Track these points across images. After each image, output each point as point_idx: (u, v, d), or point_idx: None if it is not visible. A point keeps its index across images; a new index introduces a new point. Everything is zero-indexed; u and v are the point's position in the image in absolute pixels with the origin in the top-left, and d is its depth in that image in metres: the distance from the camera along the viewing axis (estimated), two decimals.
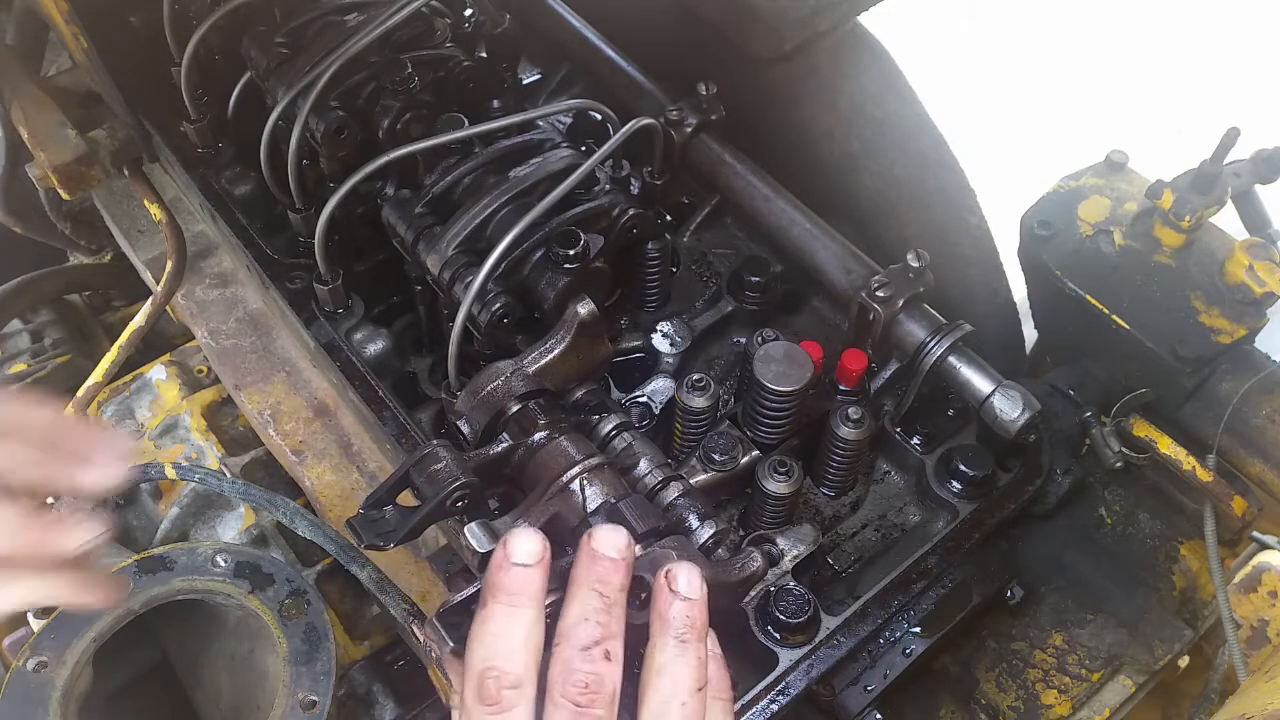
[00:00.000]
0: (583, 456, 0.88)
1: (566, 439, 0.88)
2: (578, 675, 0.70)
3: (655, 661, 0.73)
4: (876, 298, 1.03)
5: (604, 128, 1.22)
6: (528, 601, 0.73)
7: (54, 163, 1.50)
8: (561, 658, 0.71)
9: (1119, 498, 1.26)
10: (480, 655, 0.72)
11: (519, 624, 0.72)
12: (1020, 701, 1.16)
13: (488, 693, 0.70)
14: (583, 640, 0.72)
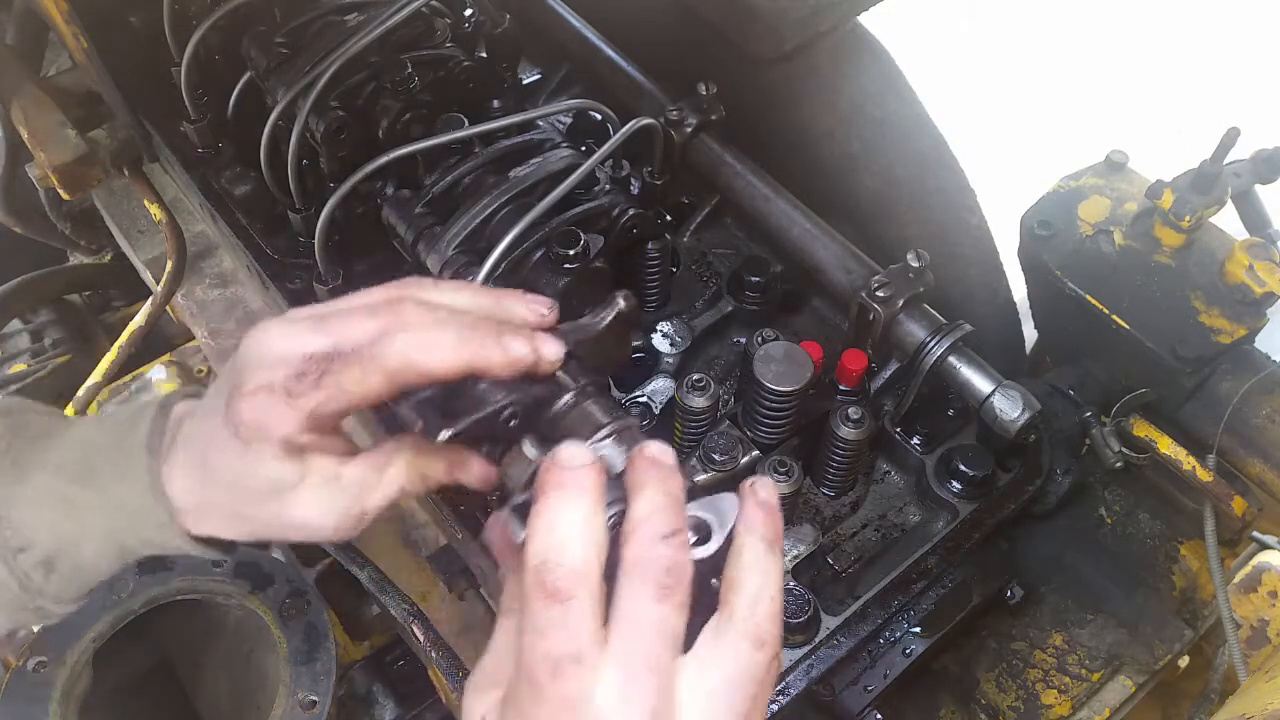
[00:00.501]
0: (611, 418, 0.85)
1: (593, 402, 0.85)
2: (660, 558, 0.67)
3: (743, 560, 0.71)
4: (876, 298, 1.03)
5: (604, 128, 1.22)
6: (584, 493, 0.69)
7: (54, 163, 1.50)
8: (639, 543, 0.68)
9: (1119, 498, 1.26)
10: (537, 548, 0.67)
11: (577, 513, 0.68)
12: (1020, 701, 1.16)
13: (547, 585, 0.65)
14: (660, 529, 0.68)
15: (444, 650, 1.11)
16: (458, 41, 1.30)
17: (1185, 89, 4.36)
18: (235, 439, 0.80)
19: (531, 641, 0.65)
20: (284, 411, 0.79)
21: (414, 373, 0.79)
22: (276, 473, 0.81)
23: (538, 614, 0.66)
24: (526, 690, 0.65)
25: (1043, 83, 4.44)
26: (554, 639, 0.65)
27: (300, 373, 0.79)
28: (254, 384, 0.79)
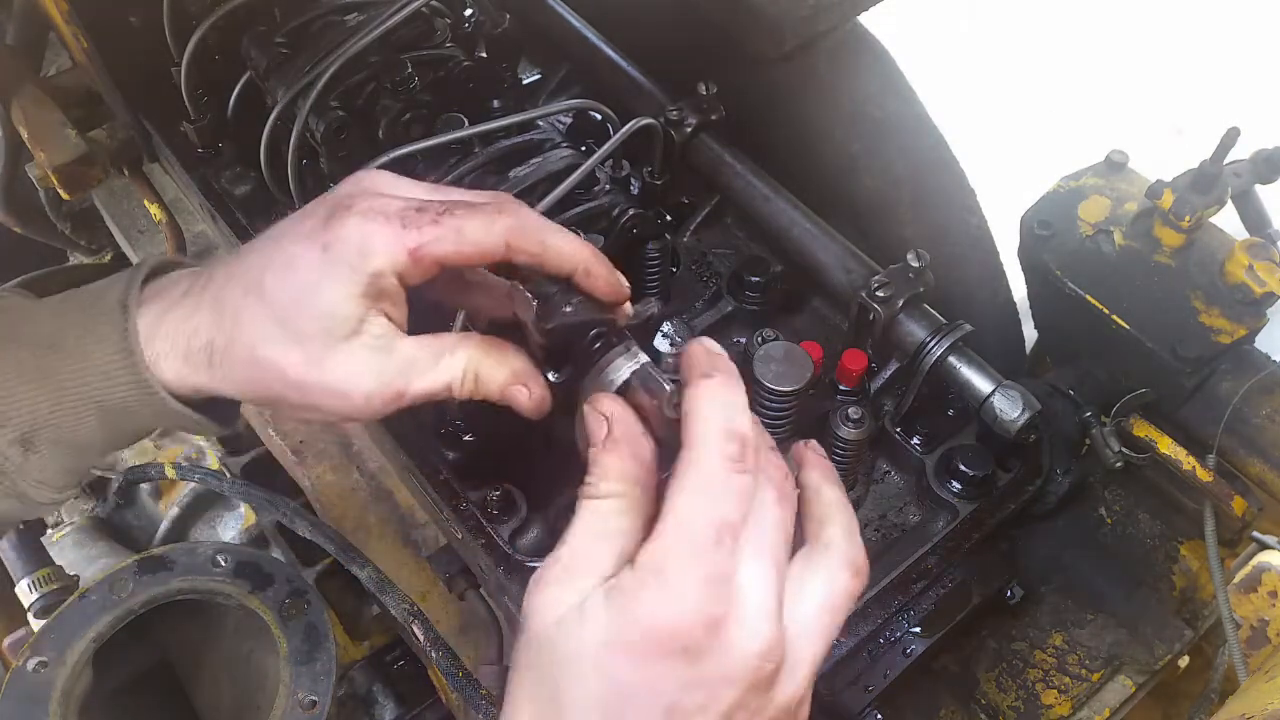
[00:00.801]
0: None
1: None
2: (779, 467, 0.73)
3: (825, 497, 0.74)
4: (876, 298, 1.03)
5: (604, 128, 1.22)
6: (739, 380, 0.72)
7: (54, 163, 1.50)
8: (761, 451, 0.72)
9: (1119, 498, 1.26)
10: (721, 418, 0.68)
11: (741, 396, 0.71)
12: (1020, 701, 1.16)
13: (732, 454, 0.67)
14: (771, 442, 0.73)
15: (444, 650, 1.11)
16: (458, 41, 1.30)
17: (1185, 89, 4.36)
18: (320, 255, 0.76)
19: (703, 505, 0.66)
20: (393, 236, 0.76)
21: (535, 242, 0.79)
22: (343, 308, 0.77)
23: (716, 480, 0.66)
24: (679, 554, 0.65)
25: (1043, 83, 4.44)
26: (729, 506, 0.66)
27: (420, 208, 0.78)
28: (366, 205, 0.77)
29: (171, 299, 0.83)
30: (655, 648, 0.64)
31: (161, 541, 1.51)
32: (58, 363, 0.81)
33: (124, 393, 0.81)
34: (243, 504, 1.48)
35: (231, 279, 0.81)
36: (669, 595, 0.64)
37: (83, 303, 0.84)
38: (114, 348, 0.80)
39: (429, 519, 1.36)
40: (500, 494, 1.04)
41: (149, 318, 0.82)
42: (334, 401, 0.80)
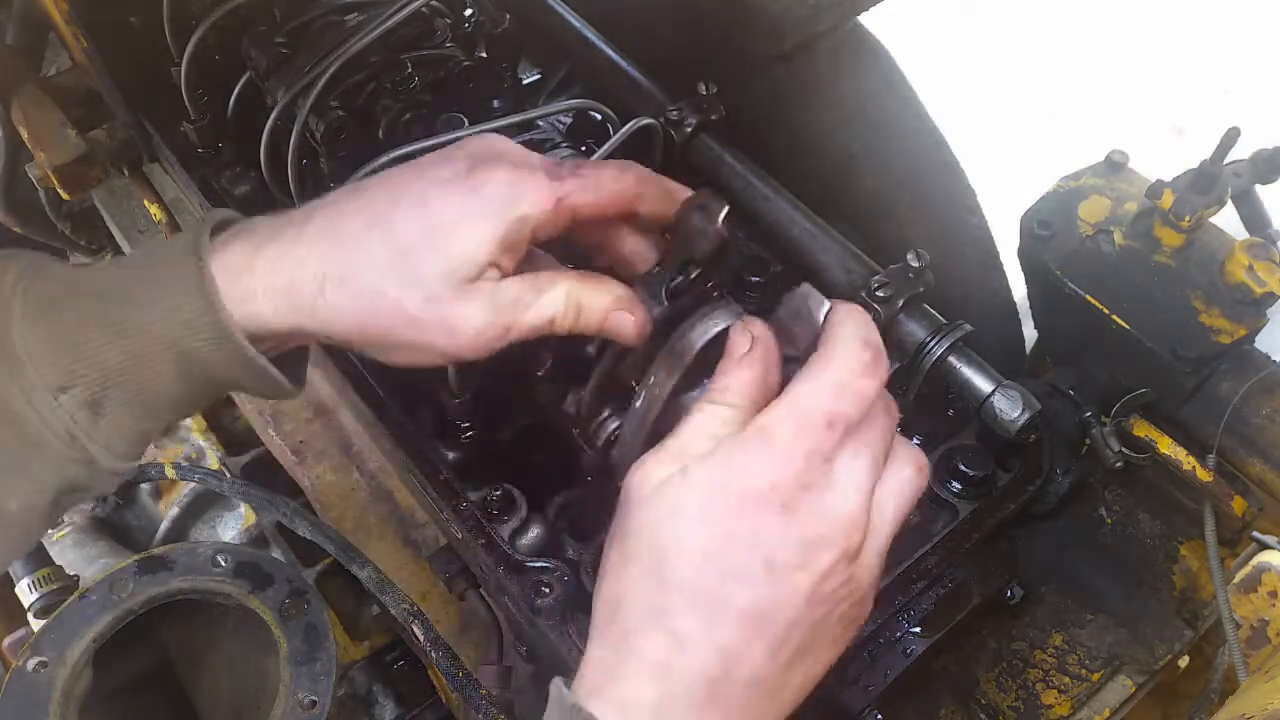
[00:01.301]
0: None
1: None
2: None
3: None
4: (876, 298, 1.03)
5: (604, 128, 1.22)
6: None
7: (54, 163, 1.50)
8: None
9: (1119, 498, 1.26)
10: (861, 332, 0.78)
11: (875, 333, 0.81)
12: (1020, 701, 1.16)
13: (869, 362, 0.77)
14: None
15: (444, 650, 1.11)
16: (458, 41, 1.30)
17: (1185, 89, 4.36)
18: (464, 199, 0.80)
19: (825, 394, 0.74)
20: (543, 186, 0.81)
21: (661, 190, 0.89)
22: (477, 251, 0.79)
23: (843, 377, 0.75)
24: (788, 425, 0.73)
25: (1043, 83, 4.44)
26: (848, 404, 0.74)
27: (557, 163, 0.84)
28: (513, 157, 0.83)
29: (258, 239, 0.81)
30: (755, 499, 0.71)
31: (161, 541, 1.51)
32: (126, 312, 0.78)
33: (202, 340, 0.78)
34: (243, 504, 1.48)
35: (346, 214, 0.82)
36: (772, 453, 0.72)
37: (143, 257, 0.82)
38: (190, 293, 0.78)
39: (429, 519, 1.36)
40: (500, 494, 1.04)
41: (232, 259, 0.80)
42: (445, 340, 0.82)
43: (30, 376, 0.76)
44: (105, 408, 0.79)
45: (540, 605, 0.97)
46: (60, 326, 0.77)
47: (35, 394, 0.76)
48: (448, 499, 1.06)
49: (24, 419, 0.77)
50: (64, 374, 0.77)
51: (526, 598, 0.97)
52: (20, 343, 0.76)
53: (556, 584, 0.98)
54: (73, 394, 0.77)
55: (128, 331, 0.78)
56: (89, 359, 0.77)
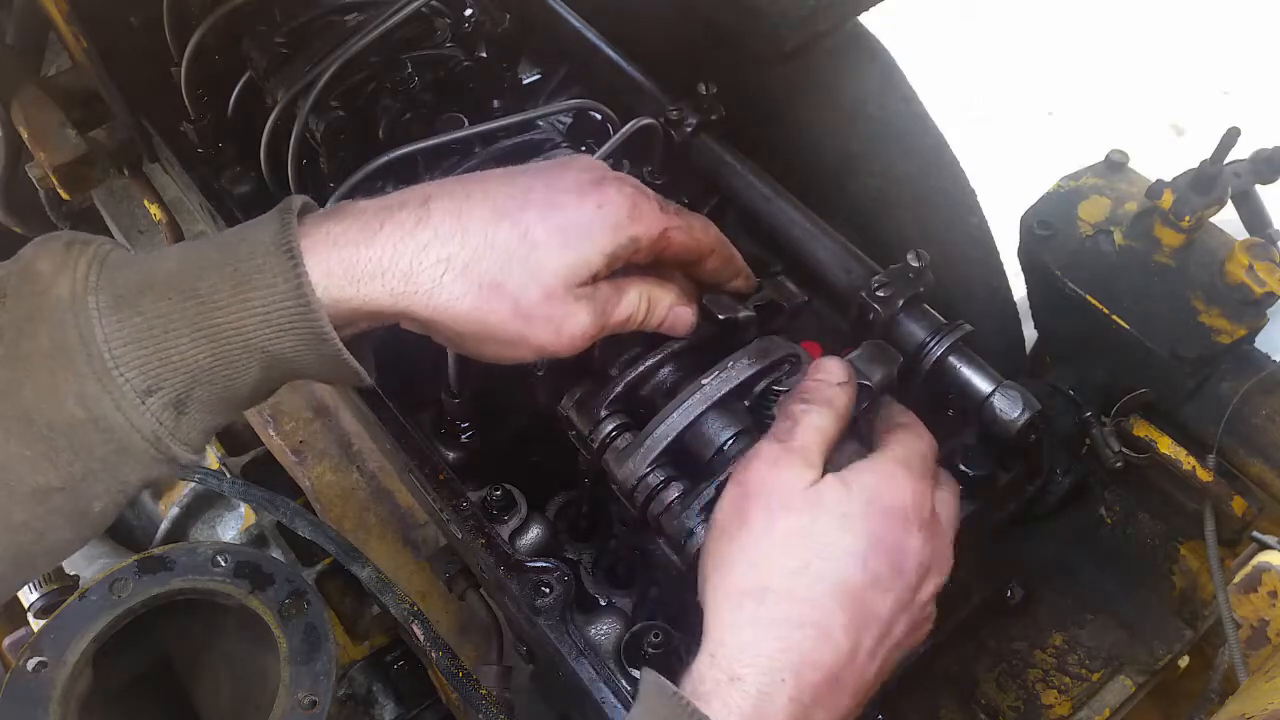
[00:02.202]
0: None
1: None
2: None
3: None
4: (876, 298, 1.03)
5: (604, 128, 1.22)
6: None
7: (54, 163, 1.50)
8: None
9: (1119, 498, 1.26)
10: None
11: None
12: (1020, 701, 1.16)
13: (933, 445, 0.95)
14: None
15: (444, 650, 1.11)
16: (458, 41, 1.30)
17: (1185, 89, 4.37)
18: (592, 210, 0.85)
19: (929, 450, 0.93)
20: (657, 214, 0.90)
21: (729, 253, 1.01)
22: (594, 260, 0.85)
23: (930, 450, 0.92)
24: (917, 459, 0.89)
25: (1042, 83, 4.44)
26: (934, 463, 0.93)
27: (664, 200, 0.92)
28: (632, 183, 0.90)
29: (368, 218, 0.81)
30: (907, 515, 0.84)
31: (161, 541, 1.51)
32: (212, 314, 0.77)
33: (293, 341, 0.78)
34: (243, 504, 1.48)
35: (472, 202, 0.83)
36: (913, 480, 0.86)
37: (220, 249, 0.79)
38: (284, 297, 0.77)
39: (429, 519, 1.36)
40: (500, 494, 1.04)
41: (344, 238, 0.80)
42: (550, 337, 0.87)
43: (118, 381, 0.75)
44: (188, 407, 0.79)
45: (540, 605, 0.97)
46: (145, 328, 0.76)
47: (124, 399, 0.75)
48: (448, 499, 1.06)
49: (113, 425, 0.76)
50: (151, 377, 0.76)
51: (526, 598, 0.97)
52: (105, 346, 0.75)
53: (556, 584, 0.98)
54: (159, 396, 0.77)
55: (217, 334, 0.77)
56: (176, 363, 0.77)
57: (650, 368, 0.97)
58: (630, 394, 0.96)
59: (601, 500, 1.05)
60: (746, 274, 1.05)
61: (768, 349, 0.96)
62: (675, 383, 0.96)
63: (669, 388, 0.96)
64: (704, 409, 0.91)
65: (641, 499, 0.91)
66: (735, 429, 0.92)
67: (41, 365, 0.74)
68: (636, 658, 0.94)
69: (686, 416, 0.91)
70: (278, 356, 0.79)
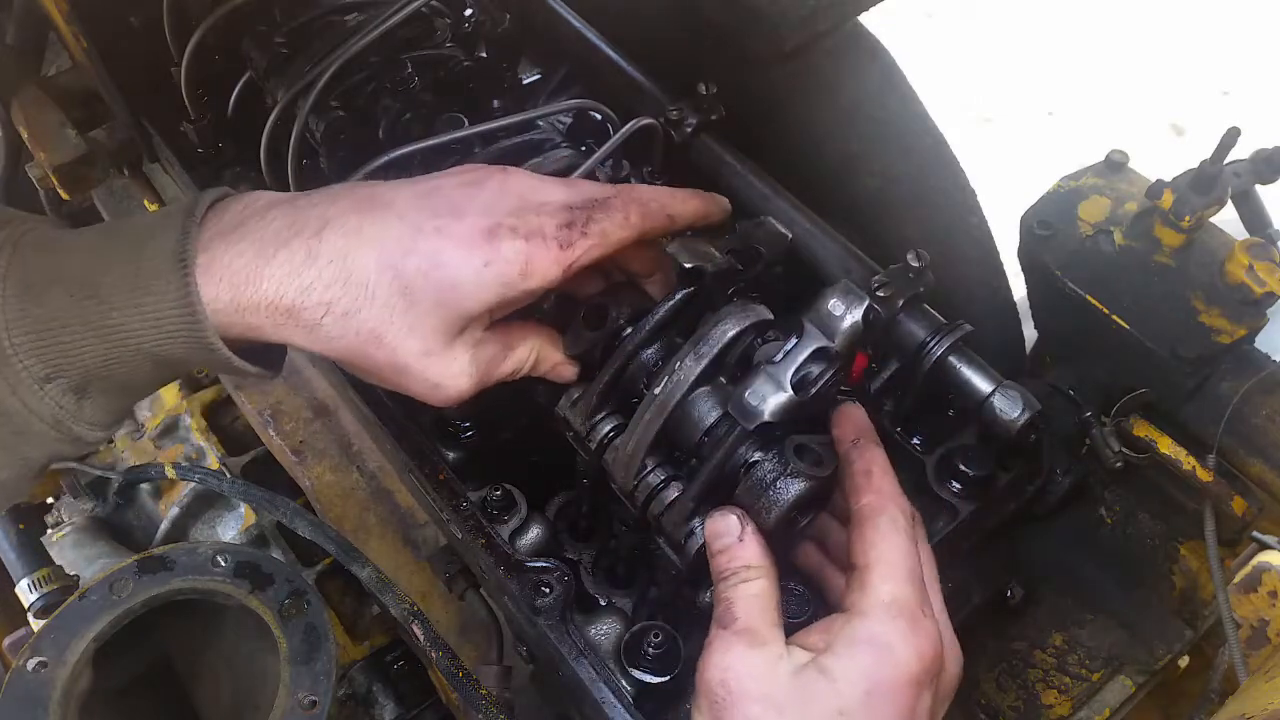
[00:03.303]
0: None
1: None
2: None
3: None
4: (877, 298, 1.03)
5: (604, 128, 1.22)
6: None
7: (54, 163, 1.50)
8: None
9: (1119, 498, 1.26)
10: (894, 483, 0.88)
11: None
12: (1020, 701, 1.16)
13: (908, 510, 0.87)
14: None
15: (444, 650, 1.11)
16: (458, 41, 1.30)
17: (1185, 89, 4.37)
18: (479, 269, 0.81)
19: (909, 556, 0.83)
20: (553, 259, 0.83)
21: (664, 215, 0.90)
22: (479, 315, 0.83)
23: (907, 534, 0.85)
24: (915, 599, 0.81)
25: (1042, 83, 4.44)
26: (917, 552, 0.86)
27: (568, 222, 0.84)
28: (526, 226, 0.83)
29: (264, 244, 0.80)
30: (915, 683, 0.76)
31: (161, 541, 1.51)
32: (108, 314, 0.78)
33: (182, 347, 0.80)
34: (243, 504, 1.48)
35: (362, 243, 0.82)
36: (922, 633, 0.77)
37: (129, 244, 0.81)
38: (173, 303, 0.78)
39: (429, 519, 1.36)
40: (500, 494, 1.04)
41: (235, 267, 0.79)
42: (427, 391, 0.87)
43: (16, 368, 0.77)
44: (89, 392, 0.81)
45: (540, 605, 0.97)
46: (45, 319, 0.78)
47: (21, 385, 0.78)
48: (448, 499, 1.06)
49: (10, 410, 0.78)
50: (49, 366, 0.79)
51: (526, 598, 0.97)
52: (4, 332, 0.77)
53: (556, 584, 0.98)
54: (57, 384, 0.79)
55: (107, 335, 0.79)
56: (70, 355, 0.79)
57: (630, 353, 0.93)
58: (618, 386, 0.94)
59: (601, 500, 1.05)
60: (703, 214, 0.97)
61: (735, 313, 0.89)
62: (657, 363, 0.93)
63: (652, 370, 0.93)
64: (683, 394, 0.87)
65: (641, 499, 0.91)
66: (720, 410, 0.89)
67: None
68: (636, 658, 0.94)
69: (664, 409, 0.88)
70: (168, 358, 0.82)
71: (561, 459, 1.04)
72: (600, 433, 0.94)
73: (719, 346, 0.87)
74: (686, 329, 0.92)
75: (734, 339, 0.88)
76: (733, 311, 0.89)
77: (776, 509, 0.84)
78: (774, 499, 0.84)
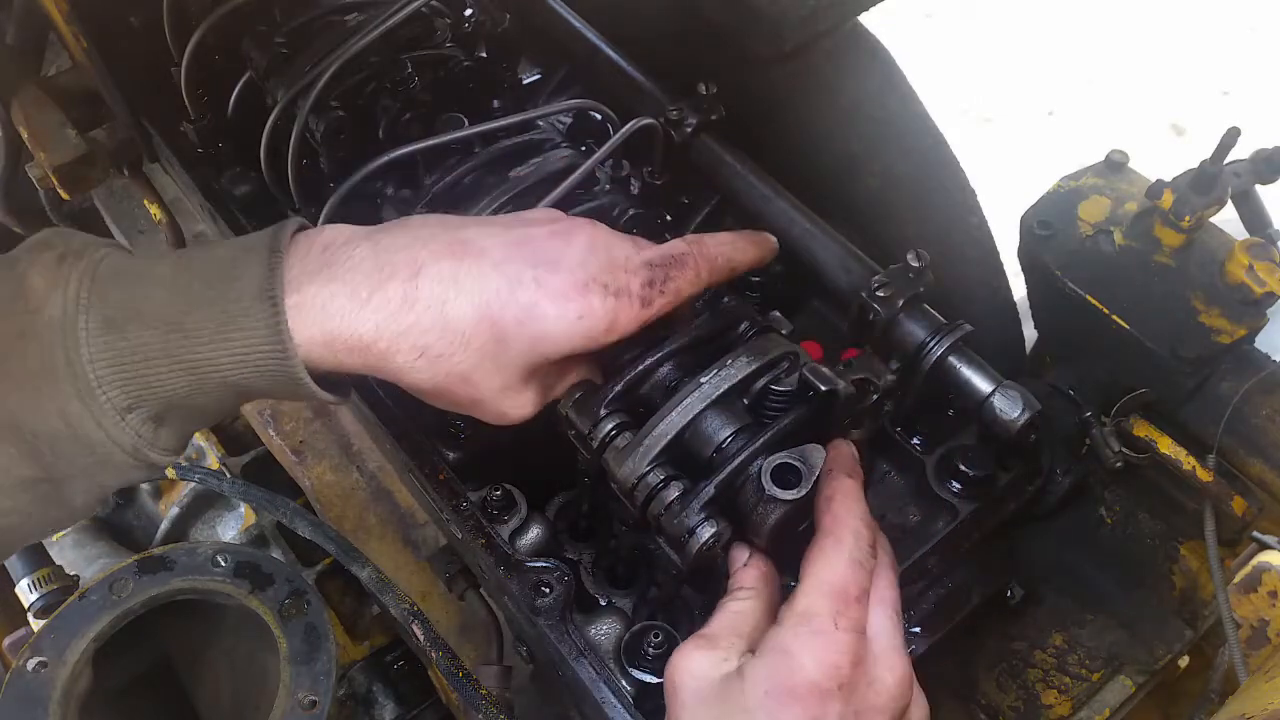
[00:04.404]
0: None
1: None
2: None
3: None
4: (876, 298, 1.03)
5: (604, 128, 1.22)
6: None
7: (54, 163, 1.50)
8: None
9: (1119, 498, 1.26)
10: (859, 512, 0.87)
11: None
12: (1020, 701, 1.16)
13: (866, 538, 0.86)
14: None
15: (444, 650, 1.11)
16: (458, 41, 1.30)
17: (1185, 89, 4.37)
18: (571, 322, 0.86)
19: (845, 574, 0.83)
20: (635, 316, 0.89)
21: (728, 268, 0.98)
22: (558, 359, 0.88)
23: (854, 557, 0.84)
24: (826, 610, 0.81)
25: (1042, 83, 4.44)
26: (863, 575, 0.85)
27: (650, 280, 0.90)
28: (616, 285, 0.88)
29: (358, 283, 0.82)
30: (814, 690, 0.77)
31: (161, 541, 1.51)
32: (194, 348, 0.80)
33: (269, 380, 0.83)
34: (243, 504, 1.48)
35: (460, 294, 0.85)
36: (819, 640, 0.78)
37: (213, 279, 0.82)
38: (262, 339, 0.80)
39: (429, 519, 1.36)
40: (500, 494, 1.04)
41: (329, 307, 0.82)
42: (494, 418, 0.93)
43: (100, 400, 0.79)
44: (167, 420, 0.84)
45: (540, 605, 0.97)
46: (129, 353, 0.80)
47: (105, 417, 0.80)
48: (448, 499, 1.06)
49: (94, 440, 0.80)
50: (131, 398, 0.80)
51: (526, 598, 0.97)
52: (90, 366, 0.79)
53: (556, 584, 0.98)
54: (139, 413, 0.81)
55: (193, 368, 0.81)
56: (155, 388, 0.81)
57: (649, 367, 0.96)
58: (629, 393, 0.96)
59: (601, 500, 1.05)
60: (758, 260, 1.04)
61: (765, 347, 0.95)
62: (674, 381, 0.96)
63: (668, 386, 0.96)
64: (703, 407, 0.91)
65: (641, 498, 0.91)
66: (734, 427, 0.92)
67: (28, 383, 0.79)
68: (636, 658, 0.94)
69: (686, 415, 0.91)
70: (250, 388, 0.84)
71: (561, 459, 1.04)
72: (602, 432, 0.94)
73: (746, 371, 0.93)
74: (703, 362, 0.96)
75: (760, 369, 0.94)
76: (764, 345, 0.96)
77: (765, 527, 0.88)
78: (759, 520, 0.88)
